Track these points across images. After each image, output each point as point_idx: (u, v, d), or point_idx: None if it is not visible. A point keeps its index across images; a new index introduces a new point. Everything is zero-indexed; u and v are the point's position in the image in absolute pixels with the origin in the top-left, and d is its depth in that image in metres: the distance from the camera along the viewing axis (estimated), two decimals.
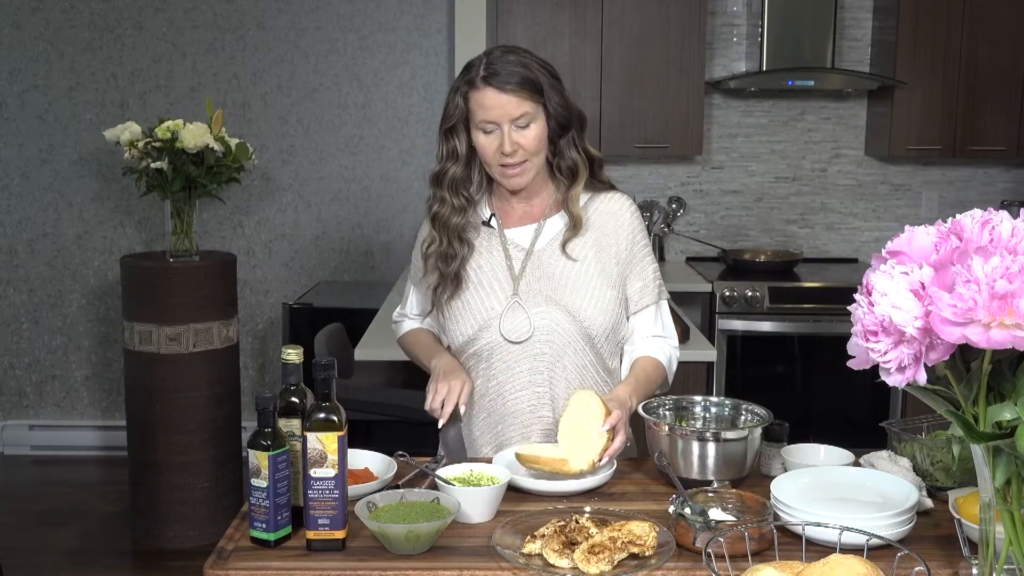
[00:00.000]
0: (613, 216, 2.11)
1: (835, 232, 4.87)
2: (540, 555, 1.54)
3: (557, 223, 2.11)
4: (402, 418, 3.84)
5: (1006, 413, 1.08)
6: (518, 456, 1.86)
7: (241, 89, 4.77)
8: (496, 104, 1.96)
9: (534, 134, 1.99)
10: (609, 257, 2.09)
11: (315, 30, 4.75)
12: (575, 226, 2.07)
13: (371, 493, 1.72)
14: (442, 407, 1.96)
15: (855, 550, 1.35)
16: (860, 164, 4.83)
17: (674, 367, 2.17)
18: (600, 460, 1.84)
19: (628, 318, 2.14)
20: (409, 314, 2.26)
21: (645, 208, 4.71)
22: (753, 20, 4.62)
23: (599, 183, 2.12)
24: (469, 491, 1.69)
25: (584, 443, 1.84)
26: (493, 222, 2.12)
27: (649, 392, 2.08)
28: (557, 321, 2.04)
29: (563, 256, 2.07)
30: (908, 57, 4.39)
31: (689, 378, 3.16)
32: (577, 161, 2.06)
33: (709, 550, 1.32)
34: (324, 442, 1.57)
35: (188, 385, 3.79)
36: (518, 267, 2.08)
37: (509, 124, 1.97)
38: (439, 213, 2.07)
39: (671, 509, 1.60)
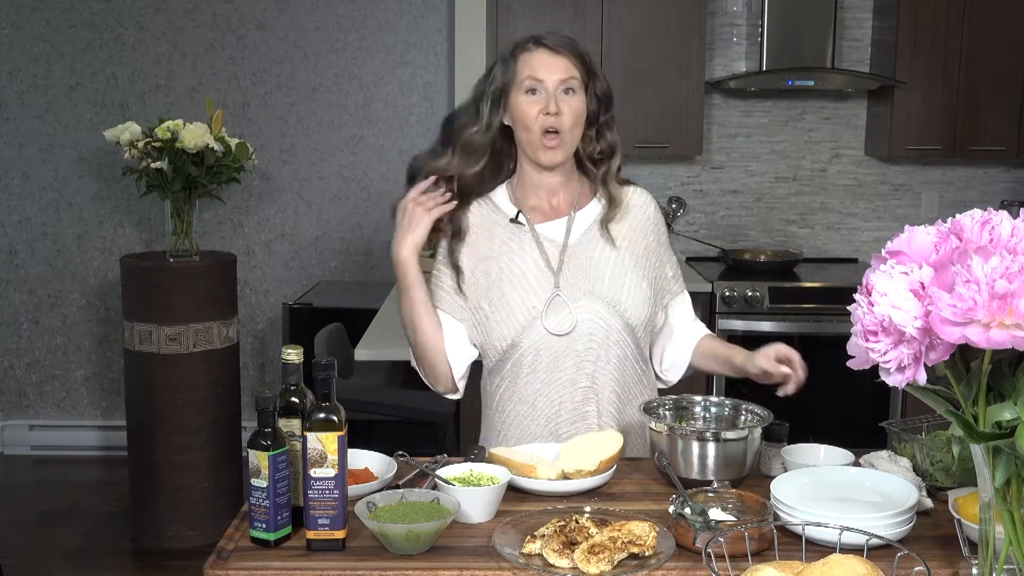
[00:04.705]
0: (640, 209, 2.15)
1: (835, 232, 4.87)
2: (540, 555, 1.54)
3: (588, 215, 2.11)
4: (402, 418, 3.85)
5: (1006, 413, 1.08)
6: (492, 456, 1.87)
7: (241, 89, 4.77)
8: (547, 63, 2.00)
9: (577, 105, 2.01)
10: (639, 249, 2.11)
11: (315, 30, 4.75)
12: (615, 205, 2.09)
13: (371, 493, 1.72)
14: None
15: (855, 550, 1.35)
16: (860, 164, 4.83)
17: None
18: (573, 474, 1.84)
19: (663, 308, 2.16)
20: None
21: None
22: (753, 20, 4.62)
23: (620, 178, 2.15)
24: (469, 491, 1.69)
25: (578, 456, 1.85)
26: (521, 218, 2.10)
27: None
28: (599, 314, 2.04)
29: (599, 247, 2.08)
30: (908, 57, 4.39)
31: (689, 378, 3.15)
32: (616, 141, 2.10)
33: (709, 550, 1.32)
34: (324, 442, 1.57)
35: (188, 385, 3.79)
36: (555, 262, 2.07)
37: (555, 86, 1.99)
38: (435, 153, 2.12)
39: (671, 509, 1.60)
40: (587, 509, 1.68)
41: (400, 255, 2.01)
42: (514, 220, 2.10)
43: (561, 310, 2.04)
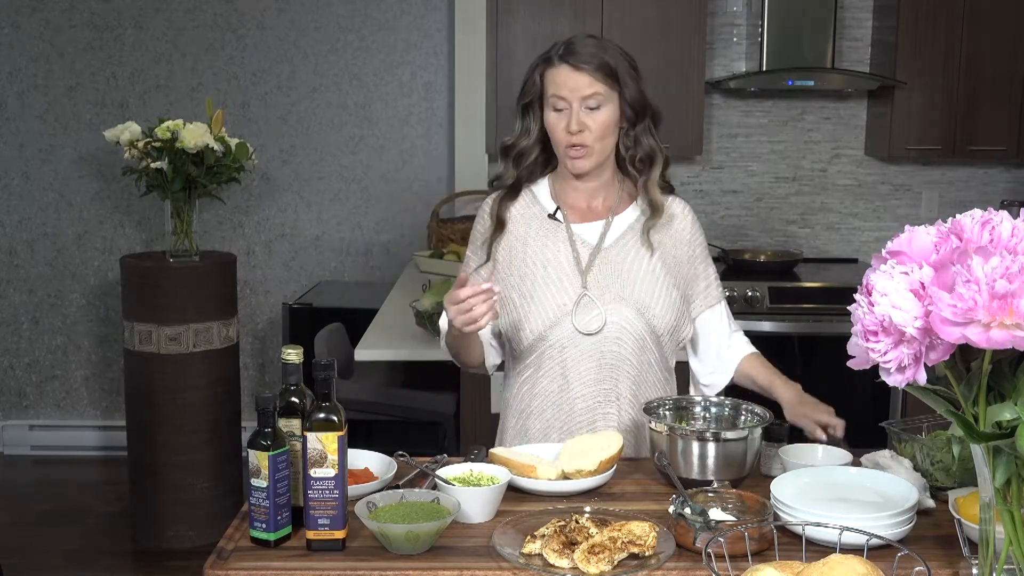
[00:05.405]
0: (676, 219, 2.15)
1: (835, 232, 4.87)
2: (540, 555, 1.54)
3: (626, 219, 2.13)
4: (402, 418, 3.85)
5: (1006, 413, 1.08)
6: (492, 456, 1.88)
7: (241, 89, 4.77)
8: (568, 81, 2.00)
9: (603, 119, 2.02)
10: (671, 259, 2.12)
11: (315, 30, 4.75)
12: (656, 213, 2.10)
13: (371, 493, 1.72)
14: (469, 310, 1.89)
15: (855, 550, 1.35)
16: (860, 164, 4.83)
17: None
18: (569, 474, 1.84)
19: (694, 318, 2.18)
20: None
21: None
22: (753, 20, 4.62)
23: (663, 184, 2.14)
24: (469, 491, 1.69)
25: (578, 456, 1.85)
26: (559, 215, 2.12)
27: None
28: (626, 318, 2.06)
29: (634, 252, 2.10)
30: (908, 57, 4.38)
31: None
32: (655, 148, 2.10)
33: (709, 550, 1.32)
34: (324, 442, 1.57)
35: (188, 385, 3.79)
36: (585, 262, 2.09)
37: (579, 103, 2.00)
38: (502, 177, 2.15)
39: (671, 509, 1.60)
40: (587, 509, 1.69)
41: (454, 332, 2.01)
42: (552, 216, 2.12)
43: (591, 310, 2.06)
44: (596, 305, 2.05)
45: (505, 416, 2.21)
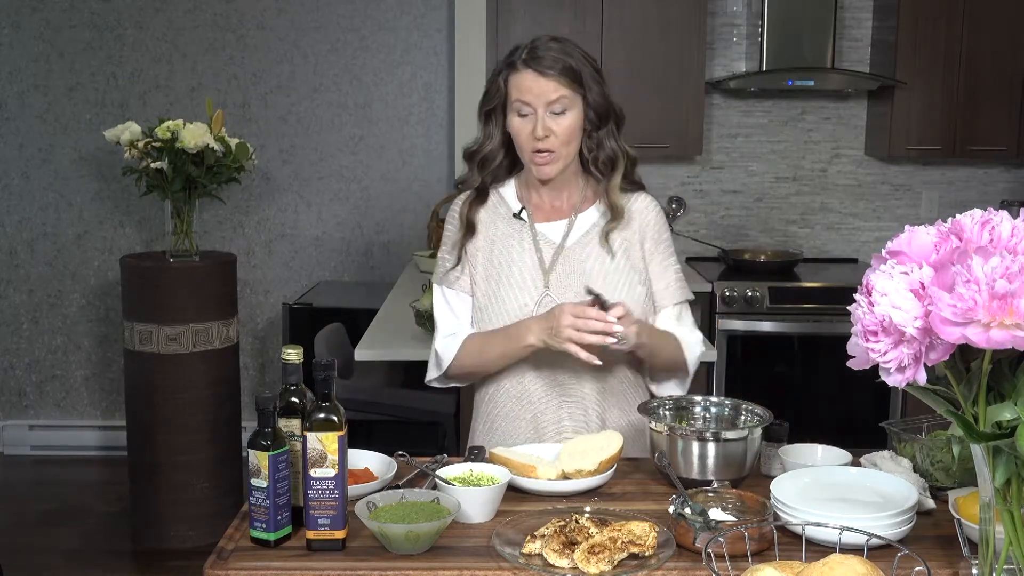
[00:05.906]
0: (640, 214, 2.13)
1: (835, 232, 4.87)
2: (540, 555, 1.54)
3: (589, 217, 2.12)
4: (402, 418, 3.85)
5: (1006, 413, 1.08)
6: (492, 456, 1.88)
7: (241, 89, 4.77)
8: (533, 86, 1.98)
9: (568, 123, 2.00)
10: (636, 254, 2.11)
11: (315, 30, 4.75)
12: (616, 216, 2.08)
13: (371, 493, 1.72)
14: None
15: (855, 550, 1.35)
16: (860, 164, 4.83)
17: (694, 356, 2.14)
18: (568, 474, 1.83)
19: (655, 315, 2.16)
20: (457, 332, 2.13)
21: None
22: (753, 20, 4.62)
23: (630, 183, 2.13)
24: (469, 491, 1.69)
25: (578, 456, 1.85)
26: (524, 215, 2.13)
27: (659, 346, 2.05)
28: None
29: (596, 250, 2.09)
30: (908, 57, 4.39)
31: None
32: (617, 152, 2.08)
33: (709, 550, 1.32)
34: (324, 442, 1.57)
35: (188, 385, 3.79)
36: (548, 261, 2.09)
37: (544, 108, 1.98)
38: (466, 181, 2.15)
39: (671, 509, 1.60)
40: (587, 509, 1.68)
41: (531, 343, 1.99)
42: (516, 216, 2.13)
43: None
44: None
45: (475, 419, 2.20)
